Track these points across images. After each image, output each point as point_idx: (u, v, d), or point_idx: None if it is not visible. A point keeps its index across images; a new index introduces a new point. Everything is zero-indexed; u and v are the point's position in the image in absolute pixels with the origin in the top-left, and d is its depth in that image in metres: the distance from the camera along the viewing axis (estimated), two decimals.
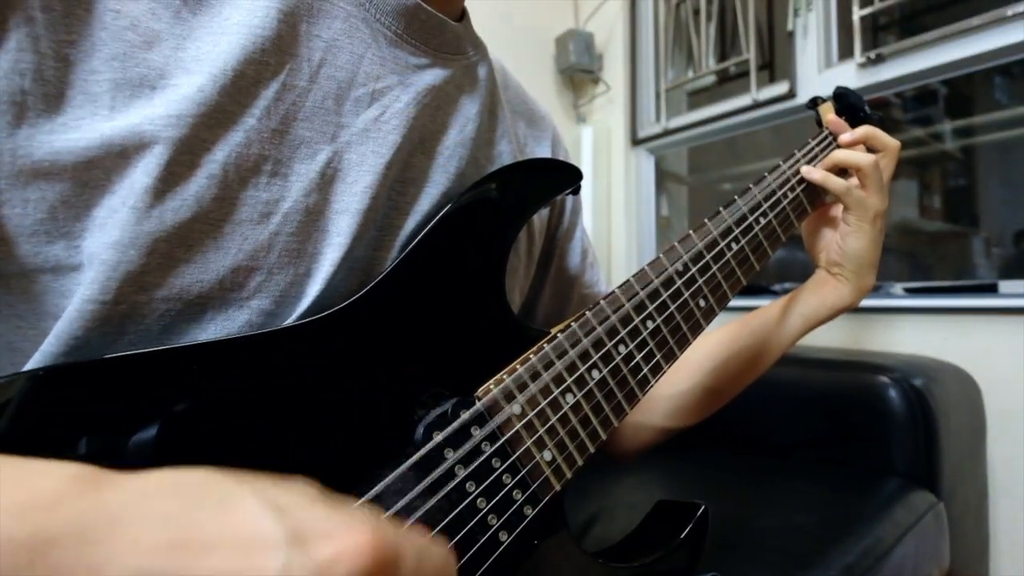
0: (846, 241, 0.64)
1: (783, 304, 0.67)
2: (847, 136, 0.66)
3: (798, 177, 0.63)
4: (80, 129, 0.33)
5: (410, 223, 0.45)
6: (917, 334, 1.23)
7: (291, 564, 0.21)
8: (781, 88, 1.47)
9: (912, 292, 1.39)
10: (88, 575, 0.20)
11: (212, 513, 0.22)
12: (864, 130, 0.66)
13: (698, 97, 1.83)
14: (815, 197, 0.65)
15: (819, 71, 1.41)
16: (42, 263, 0.33)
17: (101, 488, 0.22)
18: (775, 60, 1.64)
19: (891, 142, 0.65)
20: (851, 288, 0.65)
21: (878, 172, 0.63)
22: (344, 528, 0.23)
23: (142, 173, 0.33)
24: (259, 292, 0.38)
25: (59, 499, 0.21)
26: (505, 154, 0.53)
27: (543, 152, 0.62)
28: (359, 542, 0.23)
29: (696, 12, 1.68)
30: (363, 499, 0.34)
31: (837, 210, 0.66)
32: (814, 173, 0.63)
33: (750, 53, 1.53)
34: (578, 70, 1.77)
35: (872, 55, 1.28)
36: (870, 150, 0.66)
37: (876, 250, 0.64)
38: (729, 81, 1.75)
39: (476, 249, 0.44)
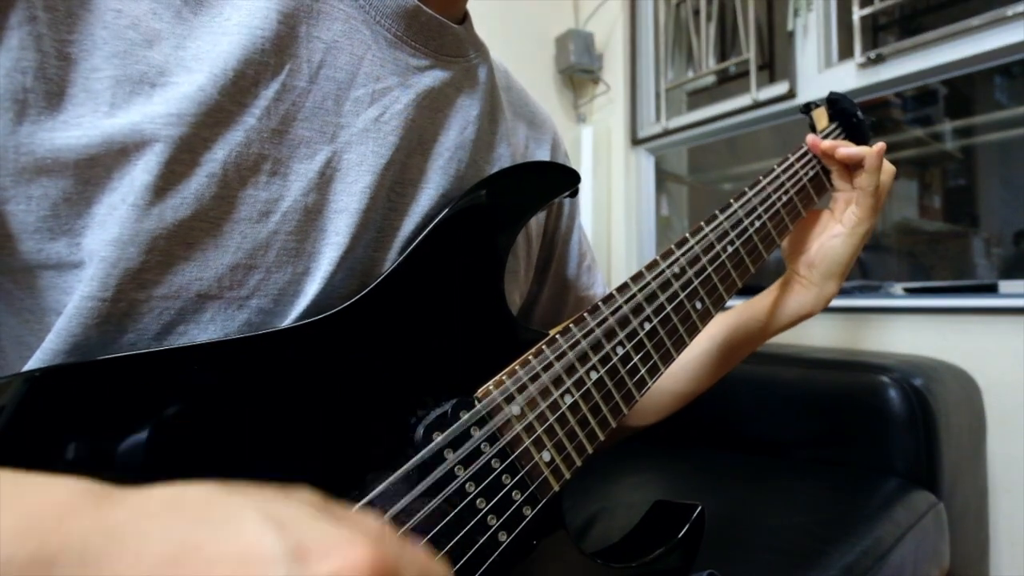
0: (832, 242, 0.63)
1: (748, 310, 0.67)
2: (845, 151, 0.63)
3: (793, 181, 0.63)
4: (82, 127, 0.33)
5: (409, 224, 0.45)
6: (917, 334, 1.23)
7: None
8: (781, 88, 1.47)
9: (912, 292, 1.39)
10: None
11: (213, 529, 0.22)
12: (863, 149, 0.62)
13: (698, 97, 1.83)
14: (809, 201, 0.65)
15: (819, 71, 1.42)
16: (44, 259, 0.34)
17: (102, 505, 0.22)
18: (775, 60, 1.65)
19: (888, 165, 0.64)
20: (814, 295, 0.64)
21: (890, 185, 0.63)
22: (345, 544, 0.23)
23: (142, 171, 0.34)
24: (258, 291, 0.38)
25: (60, 517, 0.21)
26: (505, 157, 0.54)
27: (543, 155, 0.62)
28: (359, 558, 0.22)
29: (696, 12, 1.69)
30: (364, 501, 0.34)
31: (827, 213, 0.66)
32: (865, 153, 0.61)
33: (750, 53, 1.53)
34: (578, 70, 1.78)
35: (872, 55, 1.28)
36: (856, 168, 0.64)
37: (852, 260, 0.63)
38: (729, 81, 1.75)
39: (476, 251, 0.45)
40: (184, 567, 0.21)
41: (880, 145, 0.62)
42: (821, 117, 0.72)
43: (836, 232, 0.63)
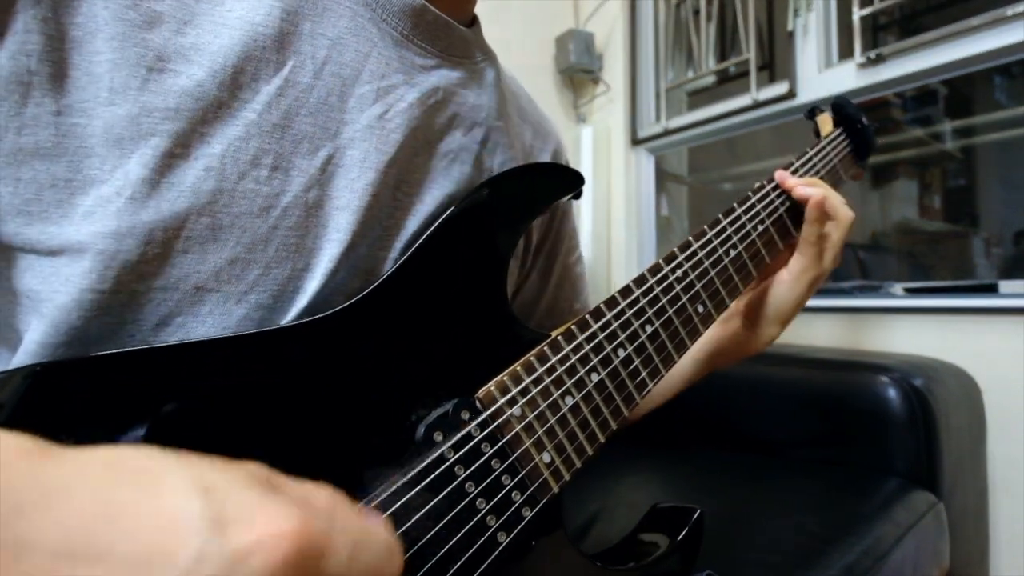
0: (779, 288, 0.60)
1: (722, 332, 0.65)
2: (803, 190, 0.59)
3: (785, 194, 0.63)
4: (85, 114, 0.33)
5: (412, 223, 0.45)
6: (917, 334, 1.23)
7: (206, 550, 0.21)
8: (781, 88, 1.47)
9: (912, 292, 1.39)
10: (15, 547, 0.20)
11: (142, 491, 0.22)
12: (821, 193, 0.59)
13: (698, 97, 1.83)
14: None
15: (819, 71, 1.42)
16: (22, 243, 0.34)
17: (42, 462, 0.22)
18: (775, 60, 1.65)
19: (845, 213, 0.60)
20: (756, 335, 0.61)
21: (846, 234, 0.59)
22: (270, 515, 0.22)
23: (138, 164, 0.34)
24: (257, 286, 0.38)
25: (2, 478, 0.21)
26: (509, 159, 0.54)
27: (544, 160, 0.62)
28: (281, 531, 0.22)
29: (696, 12, 1.69)
30: (364, 501, 0.34)
31: (785, 254, 0.62)
32: (810, 190, 0.58)
33: (750, 53, 1.53)
34: (578, 70, 1.77)
35: (872, 55, 1.28)
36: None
37: (796, 308, 0.60)
38: (729, 81, 1.75)
39: (479, 252, 0.45)
40: (106, 528, 0.21)
41: (819, 196, 0.58)
42: (825, 122, 0.72)
43: (782, 279, 0.60)
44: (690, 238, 0.53)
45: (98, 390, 0.30)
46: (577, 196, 0.52)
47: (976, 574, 1.10)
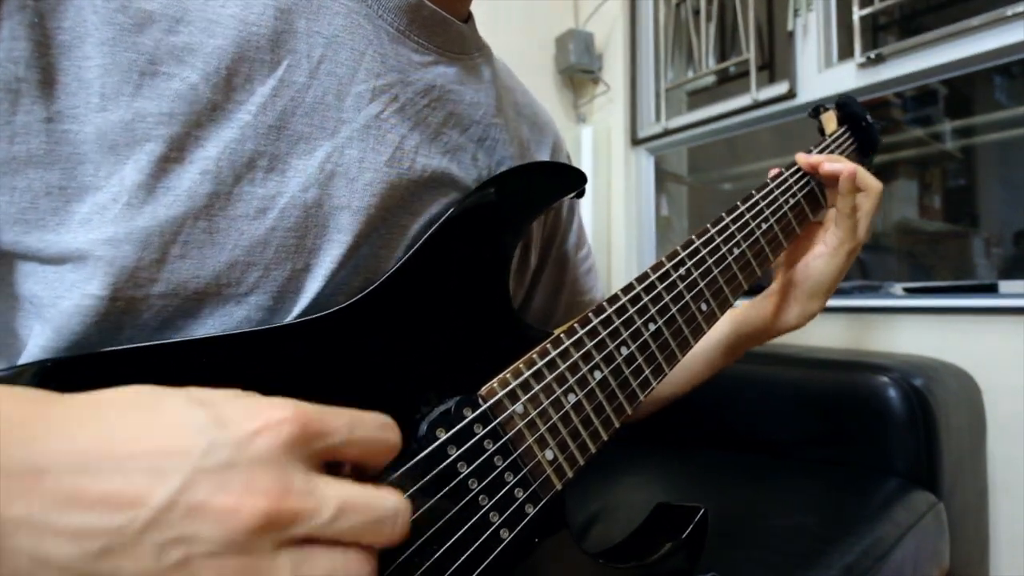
0: (815, 263, 0.62)
1: (745, 315, 0.67)
2: (831, 166, 0.61)
3: (800, 184, 0.63)
4: (76, 120, 0.33)
5: (414, 223, 0.45)
6: (917, 334, 1.23)
7: (214, 441, 0.24)
8: (781, 88, 1.47)
9: (912, 292, 1.39)
10: (36, 471, 0.22)
11: (144, 411, 0.25)
12: (852, 165, 0.61)
13: (698, 97, 1.83)
14: (817, 206, 0.65)
15: (819, 71, 1.42)
16: (23, 251, 0.34)
17: (50, 401, 0.25)
18: (775, 60, 1.65)
19: (875, 183, 0.63)
20: (796, 313, 0.63)
21: (877, 204, 0.62)
22: (266, 408, 0.25)
23: (133, 170, 0.34)
24: (257, 288, 0.38)
25: (10, 414, 0.24)
26: (508, 156, 0.53)
27: (543, 156, 0.62)
28: (281, 416, 0.25)
29: (696, 12, 1.69)
30: None
31: (815, 229, 0.65)
32: (838, 165, 0.60)
33: (750, 53, 1.53)
34: (578, 70, 1.78)
35: (872, 55, 1.28)
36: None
37: (836, 280, 0.62)
38: (729, 81, 1.75)
39: (481, 250, 0.45)
40: (120, 441, 0.24)
41: (850, 168, 0.60)
42: (830, 121, 0.72)
43: (819, 252, 0.62)
44: (692, 236, 0.53)
45: (106, 385, 0.30)
46: (580, 195, 0.52)
47: (976, 574, 1.10)
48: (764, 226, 0.58)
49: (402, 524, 0.27)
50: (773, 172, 0.63)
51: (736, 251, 0.55)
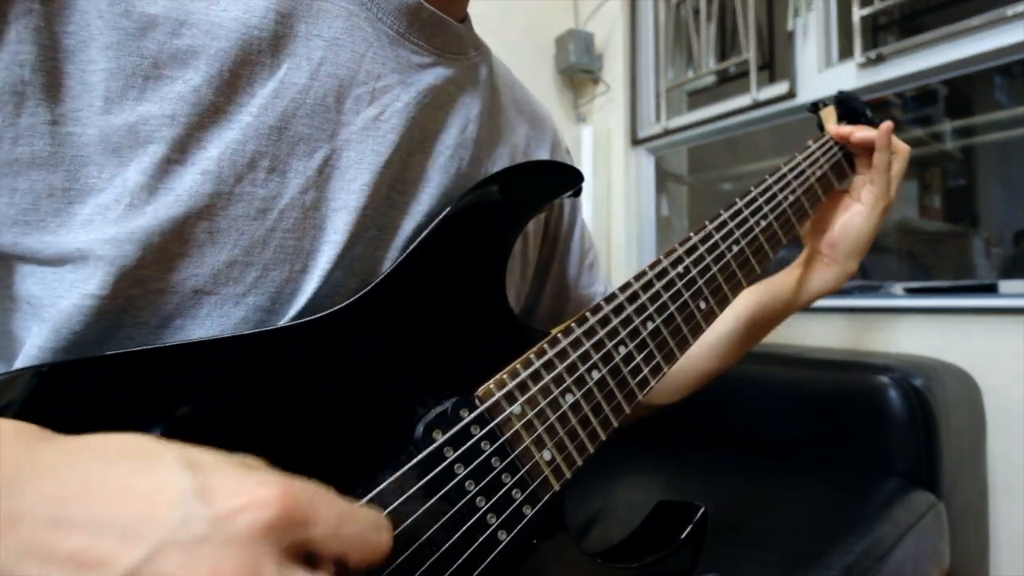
0: (853, 221, 0.66)
1: (771, 288, 0.70)
2: (860, 134, 0.67)
3: (799, 180, 0.63)
4: (80, 123, 0.33)
5: (409, 223, 0.45)
6: (917, 334, 1.23)
7: (192, 514, 0.23)
8: (781, 88, 1.47)
9: (912, 292, 1.39)
10: (13, 517, 0.22)
11: (131, 466, 0.24)
12: (878, 131, 0.67)
13: (698, 97, 1.82)
14: (816, 200, 0.65)
15: (819, 71, 1.41)
16: (22, 253, 0.34)
17: (39, 443, 0.25)
18: (775, 60, 1.64)
19: (903, 145, 0.67)
20: (836, 272, 0.67)
21: (904, 166, 0.67)
22: (254, 485, 0.24)
23: (135, 171, 0.34)
24: (255, 288, 0.38)
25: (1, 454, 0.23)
26: (505, 155, 0.53)
27: (543, 154, 0.62)
28: (267, 497, 0.24)
29: (696, 12, 1.68)
30: (365, 498, 0.34)
31: (846, 196, 0.69)
32: (870, 130, 0.66)
33: (750, 53, 1.53)
34: (578, 70, 1.77)
35: (872, 55, 1.28)
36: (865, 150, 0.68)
37: (872, 237, 0.67)
38: (729, 81, 1.75)
39: (477, 250, 0.44)
40: (98, 498, 0.23)
41: (887, 124, 0.66)
42: (830, 116, 0.72)
43: (857, 211, 0.67)
44: (691, 234, 0.53)
45: (102, 390, 0.30)
46: (576, 194, 0.52)
47: (976, 574, 1.10)
48: (763, 223, 0.58)
49: None
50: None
51: (735, 248, 0.55)
